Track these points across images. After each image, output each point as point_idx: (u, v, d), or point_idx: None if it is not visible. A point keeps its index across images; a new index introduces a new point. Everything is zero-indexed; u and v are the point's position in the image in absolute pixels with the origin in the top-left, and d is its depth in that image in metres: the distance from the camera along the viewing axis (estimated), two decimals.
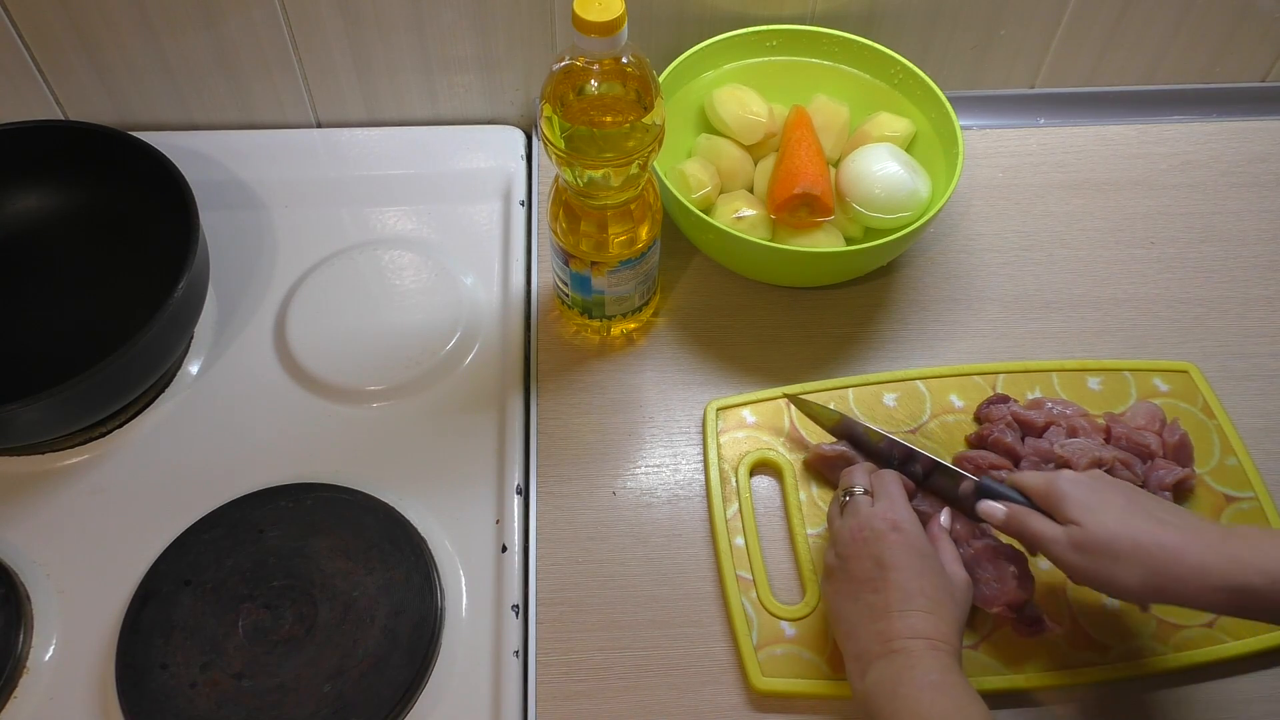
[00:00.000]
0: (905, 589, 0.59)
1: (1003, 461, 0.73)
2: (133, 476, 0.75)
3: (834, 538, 0.65)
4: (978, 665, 0.67)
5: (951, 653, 0.57)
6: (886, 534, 0.61)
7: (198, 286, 0.76)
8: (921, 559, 0.61)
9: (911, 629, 0.58)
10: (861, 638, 0.59)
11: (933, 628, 0.58)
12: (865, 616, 0.59)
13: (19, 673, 0.66)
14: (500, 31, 0.89)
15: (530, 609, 0.69)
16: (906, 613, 0.58)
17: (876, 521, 0.62)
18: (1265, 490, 0.74)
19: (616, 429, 0.78)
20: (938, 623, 0.58)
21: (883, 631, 0.58)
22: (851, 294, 0.85)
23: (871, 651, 0.58)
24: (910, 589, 0.59)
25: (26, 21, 0.84)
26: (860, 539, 0.62)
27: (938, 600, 0.59)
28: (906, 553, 0.61)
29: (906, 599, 0.59)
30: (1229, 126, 0.98)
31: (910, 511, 0.64)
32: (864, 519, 0.63)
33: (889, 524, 0.62)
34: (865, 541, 0.62)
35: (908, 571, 0.60)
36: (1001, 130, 0.97)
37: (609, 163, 0.67)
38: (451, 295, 0.83)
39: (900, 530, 0.62)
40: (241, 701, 0.64)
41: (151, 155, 0.78)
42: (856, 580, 0.61)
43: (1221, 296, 0.86)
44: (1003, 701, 0.66)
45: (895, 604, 0.59)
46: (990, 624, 0.68)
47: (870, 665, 0.58)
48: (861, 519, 0.63)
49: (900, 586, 0.59)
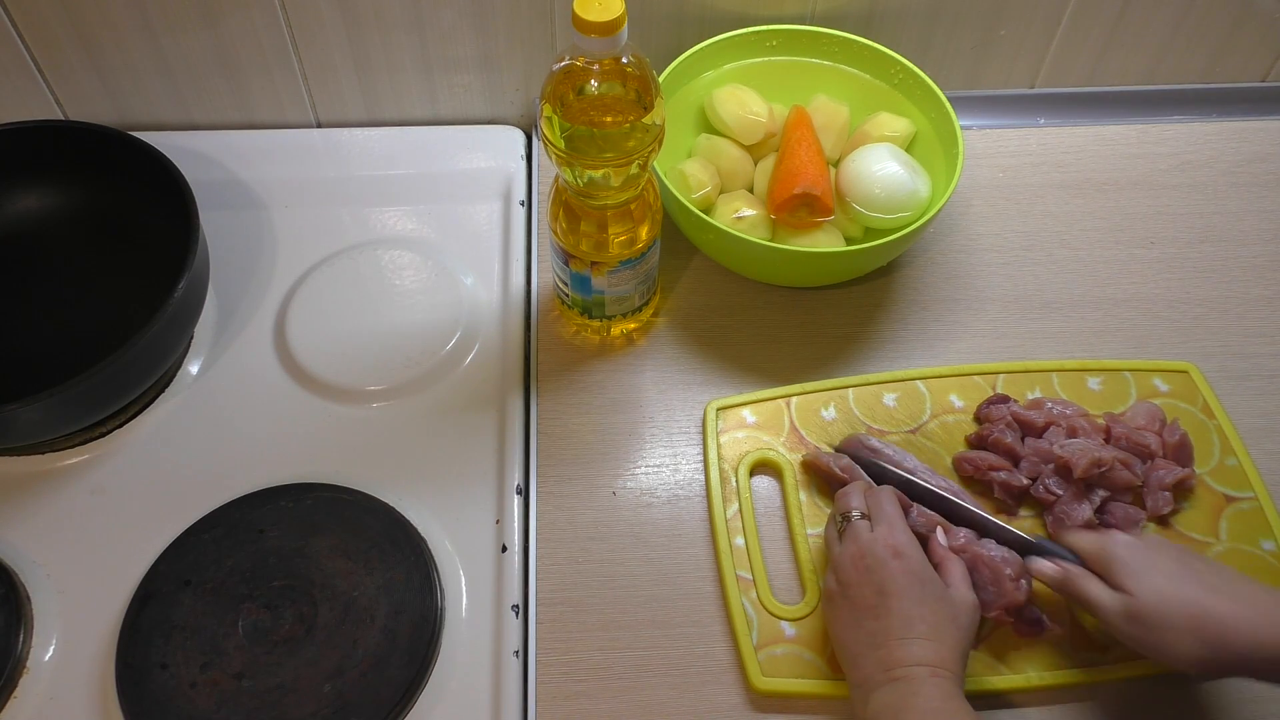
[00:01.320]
0: (907, 616, 0.59)
1: (1003, 463, 0.73)
2: (133, 476, 0.75)
3: (834, 563, 0.64)
4: (978, 665, 0.66)
5: (954, 679, 0.57)
6: (888, 561, 0.61)
7: (198, 286, 0.76)
8: (922, 585, 0.60)
9: (913, 656, 0.57)
10: (864, 665, 0.59)
11: (934, 654, 0.57)
12: (867, 644, 0.59)
13: (19, 673, 0.66)
14: (500, 31, 0.89)
15: (530, 609, 0.69)
16: (908, 640, 0.58)
17: (878, 548, 0.62)
18: (1265, 490, 0.74)
19: (616, 429, 0.78)
20: (939, 649, 0.58)
21: (884, 659, 0.58)
22: (851, 294, 0.85)
23: (874, 679, 0.58)
24: (912, 616, 0.59)
25: (26, 21, 0.84)
26: (862, 566, 0.62)
27: (939, 626, 0.59)
28: (908, 579, 0.60)
29: (908, 626, 0.58)
30: (1229, 126, 0.98)
31: (910, 535, 0.63)
32: (864, 545, 0.62)
33: (890, 550, 0.61)
34: (867, 570, 0.61)
35: (909, 599, 0.59)
36: (1001, 130, 0.97)
37: (609, 163, 0.67)
38: (451, 295, 0.83)
39: (902, 556, 0.61)
40: (241, 701, 0.64)
41: (151, 155, 0.78)
42: (858, 608, 0.61)
43: (1221, 296, 0.86)
44: (1003, 701, 0.66)
45: (896, 631, 0.58)
46: (990, 625, 0.68)
47: (872, 693, 0.58)
48: (862, 545, 0.63)
49: (902, 614, 0.59)
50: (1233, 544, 0.72)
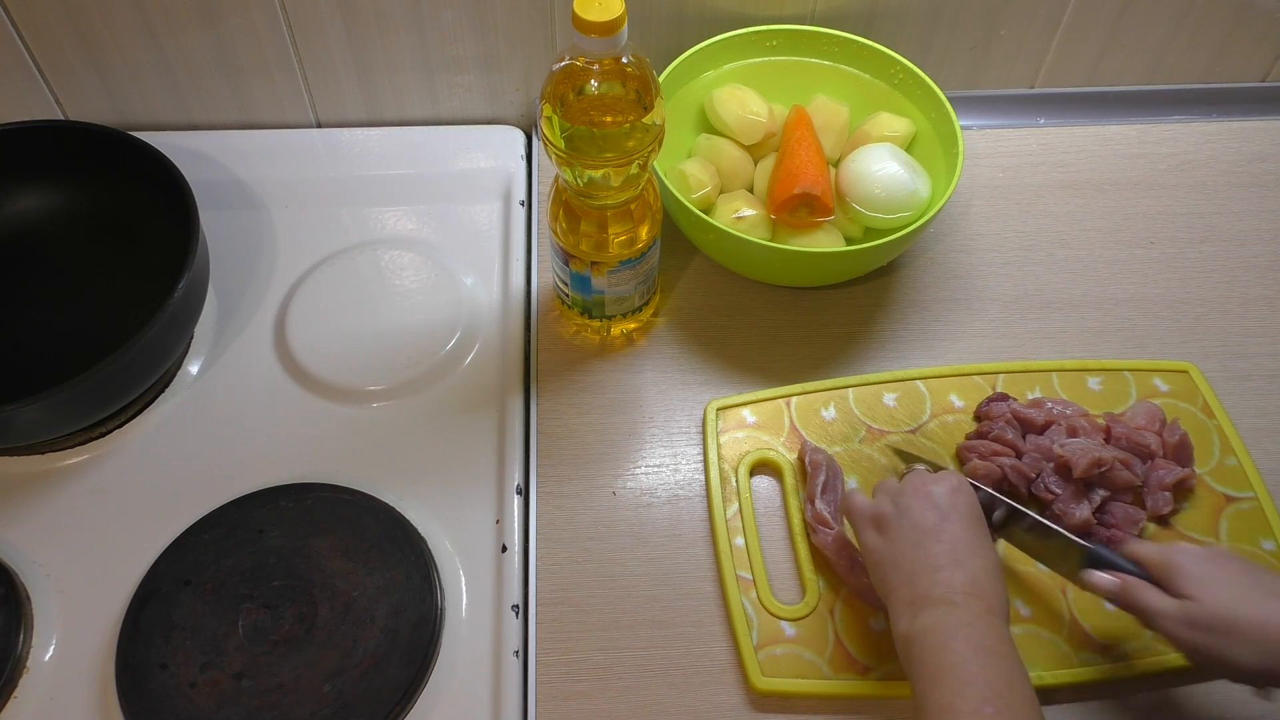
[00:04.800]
0: (970, 544, 0.60)
1: (1004, 450, 0.73)
2: (133, 476, 0.75)
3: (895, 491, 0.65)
4: None
5: (1005, 622, 0.57)
6: (953, 490, 0.63)
7: (198, 286, 0.76)
8: (980, 524, 0.62)
9: (974, 583, 0.57)
10: (920, 584, 0.59)
11: (992, 589, 0.58)
12: (926, 565, 0.59)
13: (19, 673, 0.66)
14: (500, 31, 0.89)
15: (530, 609, 0.69)
16: (969, 564, 0.59)
17: (941, 481, 0.63)
18: (1265, 490, 0.74)
19: (616, 429, 0.78)
20: (996, 586, 0.58)
21: (945, 580, 0.58)
22: (851, 294, 0.85)
23: (930, 596, 0.58)
24: (974, 545, 0.60)
25: (26, 21, 0.84)
26: (924, 491, 0.63)
27: (993, 568, 0.59)
28: (971, 512, 0.62)
29: (971, 552, 0.59)
30: (1229, 126, 0.98)
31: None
32: (926, 478, 0.64)
33: (952, 484, 0.63)
34: (929, 495, 0.62)
35: (971, 530, 0.61)
36: (1001, 130, 0.97)
37: (609, 163, 0.67)
38: (451, 295, 0.83)
39: (964, 492, 0.63)
40: (241, 701, 0.64)
41: (151, 155, 0.78)
42: (920, 528, 0.61)
43: (1221, 296, 0.86)
44: None
45: (961, 555, 0.59)
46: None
47: (923, 610, 0.57)
48: (924, 478, 0.64)
49: (964, 540, 0.60)
50: (1233, 544, 0.72)
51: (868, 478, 0.74)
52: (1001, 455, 0.73)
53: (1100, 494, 0.71)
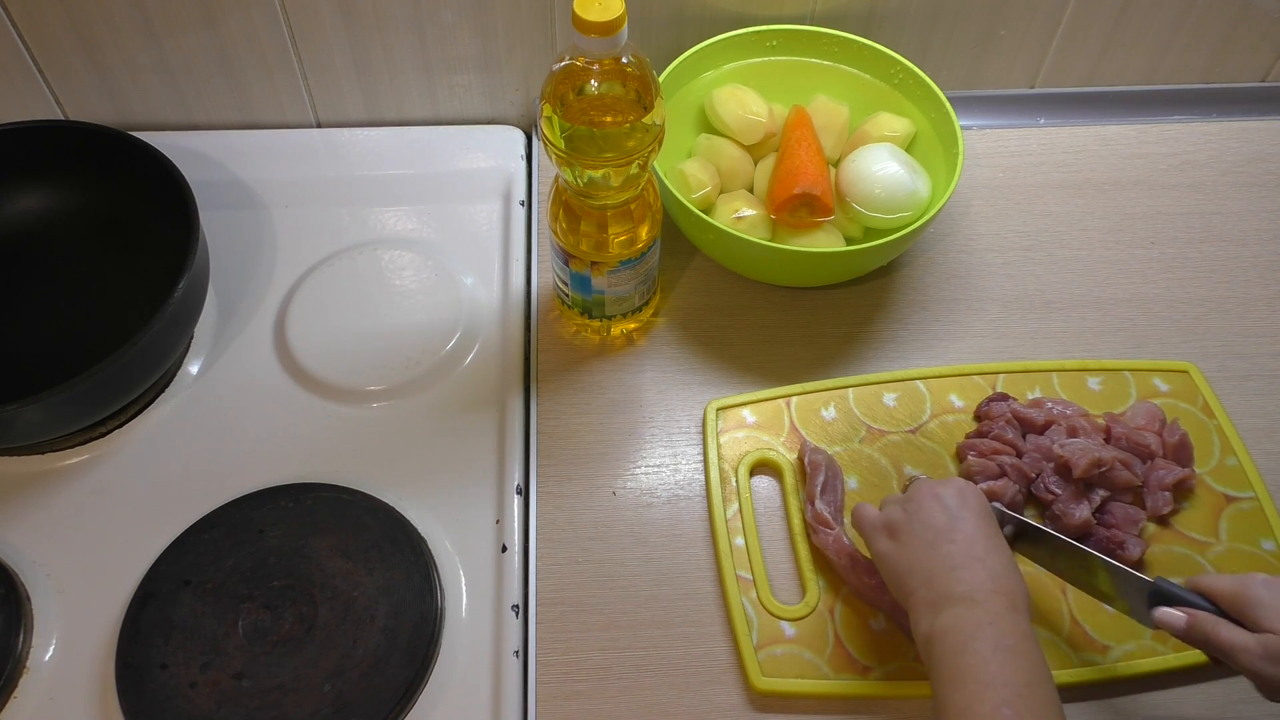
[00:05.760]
0: (985, 541, 0.59)
1: (1004, 448, 0.73)
2: (133, 476, 0.75)
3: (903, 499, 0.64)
4: None
5: (1027, 617, 0.56)
6: (961, 491, 0.62)
7: (198, 286, 0.76)
8: (991, 522, 0.62)
9: (995, 579, 0.57)
10: (938, 583, 0.58)
11: (1013, 585, 0.57)
12: (942, 564, 0.59)
13: (19, 673, 0.66)
14: (500, 31, 0.89)
15: (530, 609, 0.69)
16: (989, 560, 0.58)
17: (948, 484, 0.63)
18: (1265, 490, 0.74)
19: (616, 429, 0.78)
20: (1017, 581, 0.58)
21: (965, 578, 0.57)
22: (851, 294, 0.85)
23: (951, 594, 0.57)
24: (989, 542, 0.60)
25: (26, 21, 0.84)
26: (933, 494, 0.63)
27: (1011, 564, 0.59)
28: (981, 511, 0.62)
29: (987, 549, 0.59)
30: (1229, 126, 0.98)
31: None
32: (933, 482, 0.64)
33: (959, 486, 0.63)
34: (938, 497, 0.62)
35: (984, 528, 0.60)
36: (1001, 130, 0.97)
37: (609, 163, 0.67)
38: (451, 295, 0.83)
39: (973, 492, 0.63)
40: (241, 701, 0.64)
41: (151, 155, 0.78)
42: (933, 529, 0.61)
43: (1221, 296, 0.86)
44: None
45: (978, 551, 0.59)
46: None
47: (944, 609, 0.56)
48: (931, 482, 0.64)
49: (979, 538, 0.60)
50: (1233, 544, 0.72)
51: (868, 478, 0.74)
52: (1001, 454, 0.73)
53: (1100, 494, 0.71)
